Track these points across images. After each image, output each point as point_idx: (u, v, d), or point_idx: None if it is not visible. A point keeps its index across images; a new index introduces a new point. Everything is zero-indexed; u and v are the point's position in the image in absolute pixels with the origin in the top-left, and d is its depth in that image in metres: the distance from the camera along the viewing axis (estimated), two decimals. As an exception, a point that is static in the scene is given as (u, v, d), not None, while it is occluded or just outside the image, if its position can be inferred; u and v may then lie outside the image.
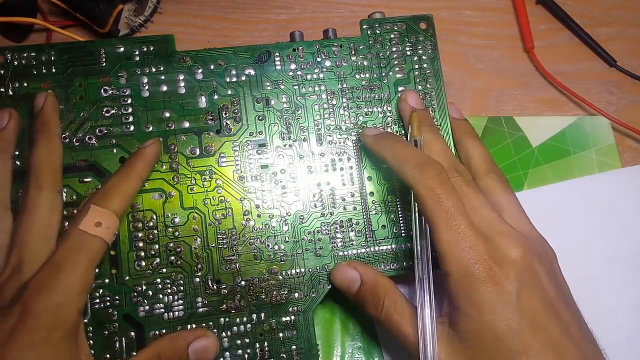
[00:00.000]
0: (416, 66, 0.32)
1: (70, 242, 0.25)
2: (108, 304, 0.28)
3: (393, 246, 0.30)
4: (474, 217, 0.26)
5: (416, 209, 0.27)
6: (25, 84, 0.29)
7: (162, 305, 0.28)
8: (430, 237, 0.26)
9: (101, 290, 0.28)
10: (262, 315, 0.29)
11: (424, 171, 0.26)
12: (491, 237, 0.26)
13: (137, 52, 0.30)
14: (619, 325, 0.33)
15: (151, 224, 0.29)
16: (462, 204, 0.26)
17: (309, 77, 0.32)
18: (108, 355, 0.27)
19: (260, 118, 0.31)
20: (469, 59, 0.39)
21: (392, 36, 0.33)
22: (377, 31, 0.33)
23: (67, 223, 0.28)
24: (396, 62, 0.32)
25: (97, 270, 0.28)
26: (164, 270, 0.29)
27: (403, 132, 0.32)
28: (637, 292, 0.34)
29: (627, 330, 0.33)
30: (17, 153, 0.28)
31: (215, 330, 0.28)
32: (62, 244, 0.25)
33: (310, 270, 0.30)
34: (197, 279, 0.29)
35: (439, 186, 0.26)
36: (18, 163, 0.28)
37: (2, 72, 0.29)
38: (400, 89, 0.32)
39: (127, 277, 0.28)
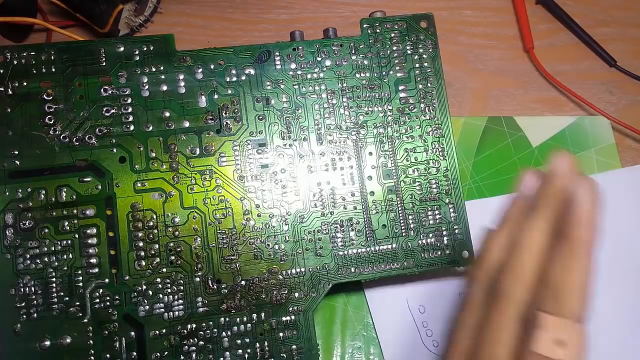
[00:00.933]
0: (417, 65, 0.32)
1: None
2: (108, 303, 0.28)
3: (393, 245, 0.30)
4: None
5: None
6: (25, 83, 0.29)
7: (162, 305, 0.28)
8: None
9: (101, 290, 0.28)
10: (262, 314, 0.29)
11: None
12: None
13: (137, 52, 0.30)
14: (619, 322, 0.33)
15: (151, 223, 0.29)
16: None
17: (309, 76, 0.32)
18: (108, 355, 0.27)
19: (261, 117, 0.31)
20: (469, 59, 0.39)
21: (392, 35, 0.33)
22: (378, 30, 0.33)
23: (66, 222, 0.28)
24: (397, 61, 0.32)
25: (96, 270, 0.28)
26: (164, 270, 0.29)
27: (403, 130, 0.32)
28: (636, 291, 0.34)
29: (625, 324, 0.33)
30: (16, 152, 0.28)
31: (215, 330, 0.28)
32: None
33: (310, 269, 0.30)
34: (197, 279, 0.29)
35: None
36: (18, 163, 0.28)
37: (1, 71, 0.29)
38: (401, 87, 0.32)
39: (127, 277, 0.28)
